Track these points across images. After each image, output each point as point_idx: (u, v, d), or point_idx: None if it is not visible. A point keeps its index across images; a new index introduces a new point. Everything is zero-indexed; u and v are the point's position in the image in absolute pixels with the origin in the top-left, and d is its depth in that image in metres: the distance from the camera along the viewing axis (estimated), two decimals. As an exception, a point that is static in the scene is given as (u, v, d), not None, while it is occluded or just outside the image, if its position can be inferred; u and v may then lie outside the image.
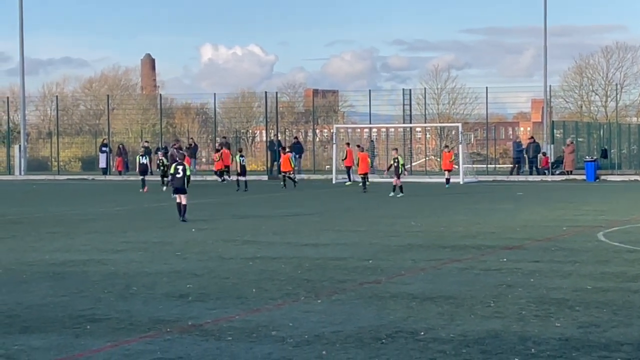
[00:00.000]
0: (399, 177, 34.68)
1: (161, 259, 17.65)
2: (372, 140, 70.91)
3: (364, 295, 13.00)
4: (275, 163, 56.16)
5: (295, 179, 46.28)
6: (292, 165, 42.06)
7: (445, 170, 47.12)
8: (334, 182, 51.56)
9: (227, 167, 51.16)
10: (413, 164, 66.84)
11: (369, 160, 47.58)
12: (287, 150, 51.39)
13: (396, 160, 34.94)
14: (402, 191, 34.35)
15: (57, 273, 15.62)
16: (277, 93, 77.22)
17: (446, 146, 53.70)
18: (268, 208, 33.17)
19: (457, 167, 51.65)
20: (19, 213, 31.36)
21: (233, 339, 10.10)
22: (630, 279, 14.39)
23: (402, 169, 35.10)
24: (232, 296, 13.08)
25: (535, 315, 11.38)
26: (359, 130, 75.26)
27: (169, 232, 23.29)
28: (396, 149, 39.60)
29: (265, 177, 57.66)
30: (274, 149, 59.08)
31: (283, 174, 45.37)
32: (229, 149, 37.96)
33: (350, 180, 50.37)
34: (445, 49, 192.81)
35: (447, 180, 45.87)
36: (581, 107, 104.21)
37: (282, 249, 19.05)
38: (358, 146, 50.53)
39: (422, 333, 10.30)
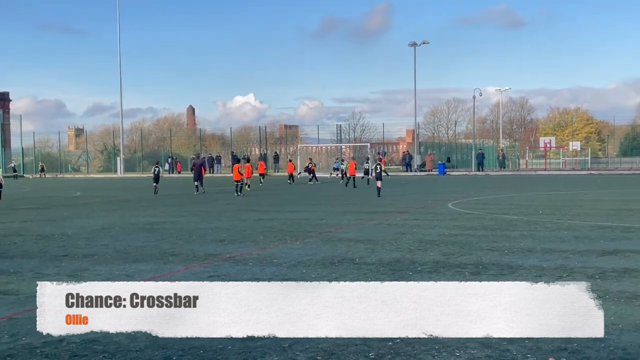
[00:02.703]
0: (379, 179, 27.64)
1: (207, 220, 17.54)
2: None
3: (323, 239, 13.03)
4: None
5: (248, 185, 32.82)
6: (241, 173, 30.30)
7: (350, 175, 37.00)
8: (298, 177, 51.39)
9: (263, 174, 43.44)
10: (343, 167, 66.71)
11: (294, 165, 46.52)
12: (244, 160, 39.10)
13: (379, 167, 28.18)
14: (379, 194, 26.92)
15: (148, 229, 15.54)
16: (266, 127, 77.26)
17: (352, 157, 53.10)
18: (263, 194, 33.01)
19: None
20: (122, 195, 31.11)
21: (253, 264, 10.10)
22: (469, 229, 14.54)
23: (384, 173, 28.52)
24: (249, 240, 13.03)
25: (418, 249, 11.47)
26: (311, 147, 75.12)
27: (210, 206, 23.23)
28: (380, 159, 33.17)
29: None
30: (263, 160, 58.52)
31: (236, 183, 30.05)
32: (248, 161, 32.69)
33: (316, 180, 42.94)
34: (362, 101, 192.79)
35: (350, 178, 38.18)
36: (434, 133, 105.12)
37: (274, 215, 19.05)
38: (310, 159, 48.04)
39: (357, 260, 10.33)
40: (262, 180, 42.11)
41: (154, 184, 31.30)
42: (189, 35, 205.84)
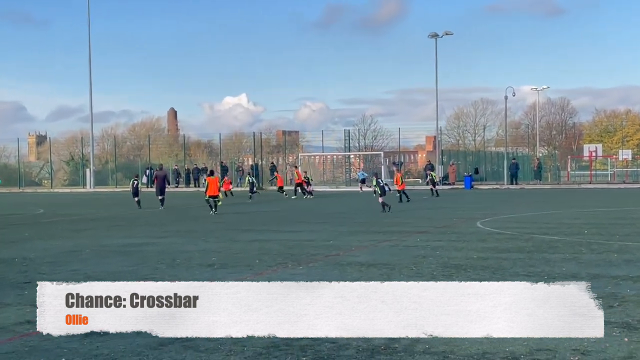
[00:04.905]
0: (381, 196, 28.16)
1: (192, 241, 17.58)
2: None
3: (330, 263, 13.09)
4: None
5: (218, 202, 29.45)
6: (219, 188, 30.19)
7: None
8: (299, 191, 51.35)
9: (298, 184, 43.42)
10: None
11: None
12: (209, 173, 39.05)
13: (379, 183, 28.89)
14: (386, 207, 27.75)
15: (125, 251, 15.59)
16: (261, 133, 77.66)
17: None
18: (256, 208, 33.09)
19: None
20: (93, 213, 31.22)
21: (248, 292, 10.18)
22: (501, 251, 14.57)
23: (382, 190, 28.58)
24: (242, 265, 13.08)
25: (442, 274, 11.51)
26: (314, 157, 75.26)
27: (195, 224, 23.30)
28: (376, 174, 33.29)
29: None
30: (255, 171, 58.51)
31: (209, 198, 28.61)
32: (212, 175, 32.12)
33: (310, 194, 43.03)
34: (373, 103, 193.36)
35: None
36: (458, 140, 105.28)
37: (271, 235, 19.07)
38: (297, 167, 48.27)
39: (371, 286, 10.39)
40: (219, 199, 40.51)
41: (135, 199, 33.06)
42: (170, 25, 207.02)
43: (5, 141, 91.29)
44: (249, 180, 44.27)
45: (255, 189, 43.00)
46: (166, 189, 34.87)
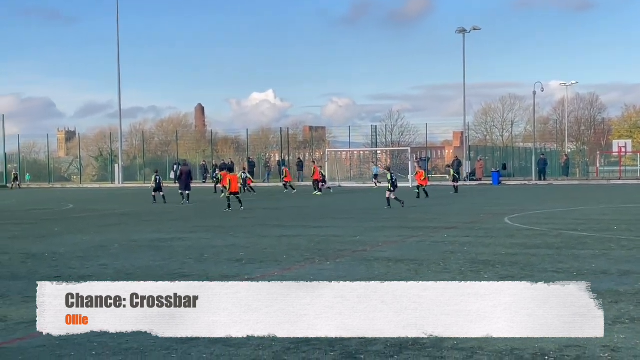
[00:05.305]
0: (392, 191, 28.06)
1: (220, 237, 17.67)
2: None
3: (357, 259, 13.11)
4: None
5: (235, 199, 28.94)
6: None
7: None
8: (326, 187, 51.33)
9: (316, 181, 42.87)
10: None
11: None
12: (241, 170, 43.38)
13: (392, 178, 28.45)
14: (399, 201, 27.84)
15: (154, 246, 15.73)
16: (288, 129, 77.82)
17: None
18: (283, 204, 33.11)
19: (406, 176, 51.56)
20: (121, 208, 31.46)
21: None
22: (529, 247, 14.49)
23: (394, 184, 28.30)
24: (270, 260, 13.14)
25: (470, 270, 11.50)
26: (340, 152, 75.12)
27: (223, 220, 23.40)
28: (388, 168, 34.21)
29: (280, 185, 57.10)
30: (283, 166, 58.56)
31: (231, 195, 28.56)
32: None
33: (319, 191, 42.14)
34: (401, 99, 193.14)
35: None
36: (486, 136, 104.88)
37: (298, 230, 19.11)
38: (315, 163, 48.17)
39: (398, 282, 10.39)
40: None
41: (160, 193, 33.63)
42: (198, 22, 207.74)
43: (35, 137, 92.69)
44: (241, 175, 43.90)
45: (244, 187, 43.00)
46: (191, 185, 35.13)
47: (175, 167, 68.48)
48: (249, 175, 44.57)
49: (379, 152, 75.11)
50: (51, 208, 33.18)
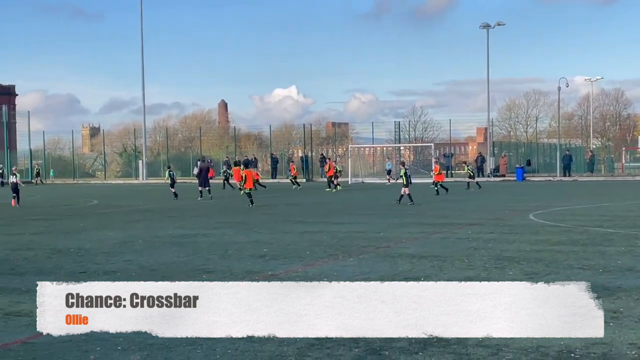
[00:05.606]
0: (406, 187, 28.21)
1: (244, 233, 17.72)
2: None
3: (380, 255, 13.10)
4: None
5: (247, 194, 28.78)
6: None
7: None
8: (349, 183, 51.38)
9: (331, 176, 41.71)
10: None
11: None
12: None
13: (406, 174, 28.75)
14: (411, 199, 27.58)
15: (178, 242, 15.79)
16: (311, 125, 77.92)
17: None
18: (305, 200, 33.08)
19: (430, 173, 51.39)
20: (145, 204, 31.63)
21: (299, 283, 10.22)
22: (554, 243, 14.42)
23: (408, 180, 28.50)
24: (293, 256, 13.16)
25: (495, 267, 11.45)
26: (363, 148, 74.99)
27: (246, 216, 23.45)
28: (403, 163, 32.26)
29: (304, 180, 57.29)
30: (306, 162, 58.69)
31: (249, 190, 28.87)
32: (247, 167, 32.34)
33: (331, 188, 40.98)
34: (424, 94, 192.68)
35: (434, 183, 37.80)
36: (510, 132, 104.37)
37: (321, 226, 19.10)
38: (329, 159, 47.18)
39: (422, 279, 10.28)
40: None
41: (172, 190, 34.24)
42: (221, 19, 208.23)
43: (59, 133, 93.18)
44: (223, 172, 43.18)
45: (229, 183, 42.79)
46: (210, 181, 35.39)
47: (198, 162, 68.78)
48: (257, 170, 44.63)
49: (402, 148, 74.90)
50: (76, 204, 33.43)
